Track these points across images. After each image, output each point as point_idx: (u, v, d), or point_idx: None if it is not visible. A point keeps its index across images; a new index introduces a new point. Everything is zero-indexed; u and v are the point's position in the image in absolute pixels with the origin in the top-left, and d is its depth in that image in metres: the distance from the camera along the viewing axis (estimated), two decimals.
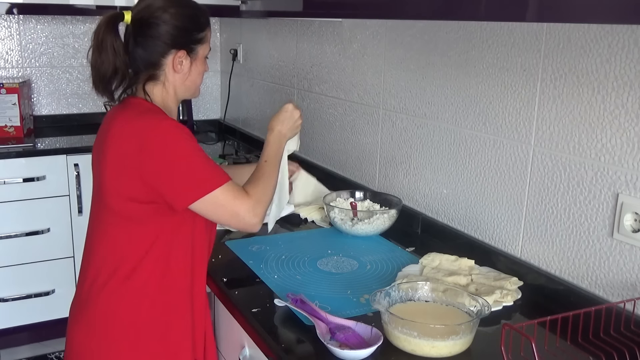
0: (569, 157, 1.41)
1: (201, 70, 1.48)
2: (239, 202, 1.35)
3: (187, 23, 1.41)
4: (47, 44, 3.33)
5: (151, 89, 1.43)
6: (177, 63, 1.42)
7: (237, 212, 1.35)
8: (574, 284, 1.42)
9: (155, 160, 1.30)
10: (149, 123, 1.32)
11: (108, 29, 1.35)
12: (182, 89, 1.47)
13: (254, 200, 1.38)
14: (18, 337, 2.98)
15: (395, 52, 1.97)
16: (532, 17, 1.01)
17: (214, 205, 1.34)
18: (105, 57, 1.35)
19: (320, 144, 2.49)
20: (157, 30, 1.39)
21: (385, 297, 1.29)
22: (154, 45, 1.39)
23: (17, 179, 2.80)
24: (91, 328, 1.38)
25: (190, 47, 1.43)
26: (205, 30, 1.46)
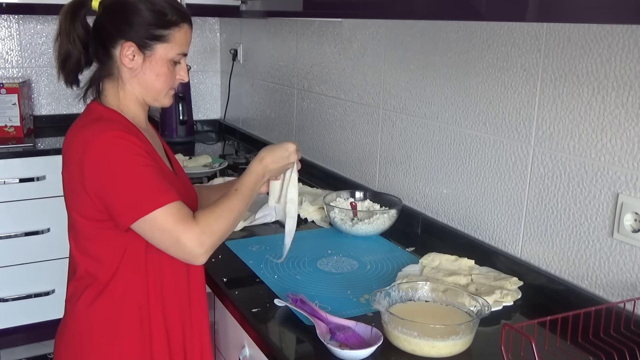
0: (569, 157, 1.41)
1: (160, 72, 1.32)
2: (181, 228, 1.19)
3: (147, 16, 1.28)
4: (47, 44, 3.33)
5: (106, 87, 1.34)
6: (125, 56, 1.29)
7: (178, 238, 1.20)
8: (574, 284, 1.42)
9: (94, 176, 1.21)
10: (90, 135, 1.22)
11: (66, 13, 1.30)
12: (139, 90, 1.33)
13: (200, 229, 1.21)
14: (17, 337, 2.98)
15: (395, 52, 1.97)
16: (532, 17, 1.01)
17: (152, 229, 1.20)
18: (61, 43, 1.31)
19: (320, 144, 2.49)
20: (113, 16, 1.29)
21: (385, 297, 1.29)
22: (106, 32, 1.30)
23: (17, 179, 2.80)
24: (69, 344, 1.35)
25: (144, 41, 1.29)
26: (171, 29, 1.30)
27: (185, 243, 1.20)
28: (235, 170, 2.60)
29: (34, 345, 3.00)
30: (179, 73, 1.36)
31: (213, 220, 1.25)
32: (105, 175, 1.21)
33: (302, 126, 2.63)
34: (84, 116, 1.33)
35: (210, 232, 1.23)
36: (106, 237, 1.28)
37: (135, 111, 1.36)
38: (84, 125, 1.28)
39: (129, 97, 1.34)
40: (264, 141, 2.95)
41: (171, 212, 1.20)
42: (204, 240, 1.22)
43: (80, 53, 1.32)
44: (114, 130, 1.23)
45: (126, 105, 1.34)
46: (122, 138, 1.21)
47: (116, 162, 1.20)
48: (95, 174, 1.21)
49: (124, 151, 1.21)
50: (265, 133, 2.99)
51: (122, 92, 1.34)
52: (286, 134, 2.77)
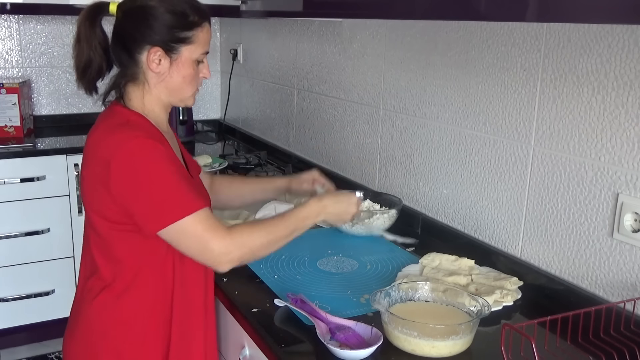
0: (569, 157, 1.41)
1: (187, 74, 1.32)
2: (210, 234, 1.21)
3: (168, 19, 1.27)
4: (47, 44, 3.33)
5: (130, 91, 1.33)
6: (152, 61, 1.28)
7: (206, 244, 1.21)
8: (574, 284, 1.42)
9: (121, 181, 1.20)
10: (119, 139, 1.22)
11: (85, 19, 1.29)
12: (166, 93, 1.33)
13: (231, 238, 1.22)
14: (18, 337, 2.98)
15: (395, 52, 1.97)
16: (532, 17, 1.01)
17: (180, 235, 1.21)
18: (80, 48, 1.30)
19: (320, 144, 2.49)
20: (135, 22, 1.28)
21: (385, 297, 1.29)
22: (130, 38, 1.29)
23: (17, 179, 2.80)
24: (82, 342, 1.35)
25: (170, 45, 1.28)
26: (194, 30, 1.30)
27: (213, 248, 1.22)
28: (236, 170, 2.60)
29: (34, 345, 3.00)
30: (202, 71, 1.36)
31: (247, 234, 1.26)
32: (133, 181, 1.20)
33: (302, 126, 2.63)
34: (109, 118, 1.32)
35: (240, 244, 1.24)
36: (126, 239, 1.28)
37: (159, 114, 1.36)
38: (112, 128, 1.27)
39: (154, 101, 1.34)
40: (264, 141, 2.95)
41: (200, 220, 1.21)
42: (231, 250, 1.23)
43: (102, 59, 1.31)
44: (142, 137, 1.22)
45: (151, 109, 1.34)
46: (150, 145, 1.21)
47: (144, 169, 1.20)
48: (123, 179, 1.21)
49: (153, 158, 1.21)
50: (265, 133, 2.99)
51: (148, 96, 1.33)
52: (286, 134, 2.78)
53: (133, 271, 1.30)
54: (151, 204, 1.21)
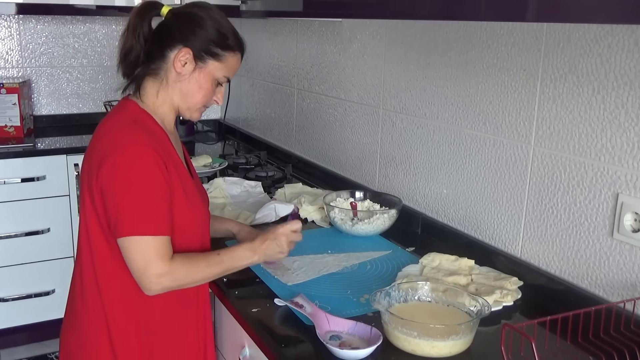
0: (569, 157, 1.41)
1: (204, 86, 1.38)
2: (155, 262, 1.24)
3: (212, 33, 1.36)
4: (47, 44, 3.33)
5: (148, 85, 1.38)
6: (179, 60, 1.35)
7: (145, 269, 1.24)
8: (574, 284, 1.42)
9: (107, 179, 1.25)
10: (121, 139, 1.28)
11: (136, 13, 1.37)
12: (178, 95, 1.38)
13: (169, 272, 1.26)
14: (18, 337, 2.98)
15: (395, 52, 1.97)
16: (532, 17, 1.01)
17: (129, 250, 1.25)
18: (127, 37, 1.37)
19: (320, 144, 2.49)
20: (180, 22, 1.37)
21: (385, 297, 1.29)
22: (168, 35, 1.37)
23: (17, 179, 2.80)
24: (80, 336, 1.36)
25: (201, 53, 1.36)
26: (227, 52, 1.38)
27: (149, 274, 1.25)
28: (236, 170, 2.60)
29: (34, 345, 3.00)
30: (217, 95, 1.43)
31: (183, 271, 1.29)
32: (117, 184, 1.25)
33: (302, 126, 2.63)
34: (119, 112, 1.37)
35: (174, 279, 1.28)
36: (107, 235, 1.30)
37: (167, 113, 1.41)
38: (119, 125, 1.32)
39: (167, 99, 1.39)
40: (264, 141, 2.95)
41: (155, 244, 1.25)
42: (163, 281, 1.27)
43: (142, 49, 1.37)
44: (143, 144, 1.27)
45: (161, 106, 1.39)
46: (147, 155, 1.26)
47: (131, 177, 1.25)
48: (110, 178, 1.25)
49: (143, 169, 1.25)
50: (265, 133, 2.99)
51: (162, 93, 1.39)
52: (286, 134, 2.78)
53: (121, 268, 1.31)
54: (122, 210, 1.25)
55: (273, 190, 2.25)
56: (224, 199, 2.11)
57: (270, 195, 2.19)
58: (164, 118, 1.40)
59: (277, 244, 1.40)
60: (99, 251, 1.32)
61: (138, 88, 1.39)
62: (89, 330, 1.35)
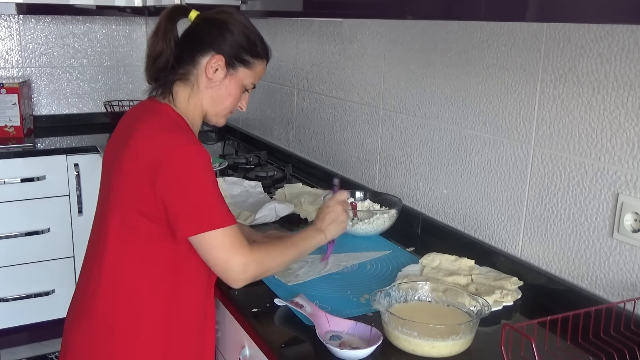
0: (569, 157, 1.41)
1: (233, 93, 1.41)
2: (235, 250, 1.27)
3: (241, 40, 1.38)
4: (47, 44, 3.33)
5: (178, 90, 1.39)
6: (211, 67, 1.36)
7: (229, 259, 1.27)
8: (574, 284, 1.42)
9: (170, 182, 1.25)
10: (173, 142, 1.28)
11: (167, 15, 1.37)
12: (209, 101, 1.40)
13: (253, 257, 1.29)
14: (18, 337, 2.98)
15: (395, 52, 1.98)
16: (532, 17, 1.01)
17: (209, 244, 1.27)
18: (156, 40, 1.37)
19: (320, 144, 2.49)
20: (210, 29, 1.37)
21: (385, 297, 1.29)
22: (199, 40, 1.37)
23: (17, 179, 2.80)
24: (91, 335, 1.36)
25: (232, 60, 1.38)
26: (256, 60, 1.42)
27: (234, 265, 1.27)
28: (236, 170, 2.60)
29: (34, 345, 3.00)
30: (242, 101, 1.46)
31: (264, 255, 1.33)
32: (182, 184, 1.26)
33: (302, 126, 2.63)
34: (156, 115, 1.36)
35: (258, 264, 1.31)
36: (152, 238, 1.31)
37: (196, 119, 1.43)
38: (163, 128, 1.31)
39: (197, 105, 1.41)
40: (264, 141, 2.95)
41: (230, 234, 1.27)
42: (249, 269, 1.29)
43: (172, 53, 1.37)
44: (196, 143, 1.29)
45: (191, 111, 1.41)
46: (203, 153, 1.28)
47: (196, 175, 1.26)
48: (172, 180, 1.25)
49: (204, 167, 1.27)
50: (265, 133, 2.99)
51: (193, 98, 1.40)
52: (286, 134, 2.78)
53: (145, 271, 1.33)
54: (194, 209, 1.26)
55: (273, 190, 2.25)
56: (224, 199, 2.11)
57: (270, 195, 2.19)
58: (193, 123, 1.41)
59: (336, 215, 1.47)
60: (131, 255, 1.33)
61: (169, 92, 1.39)
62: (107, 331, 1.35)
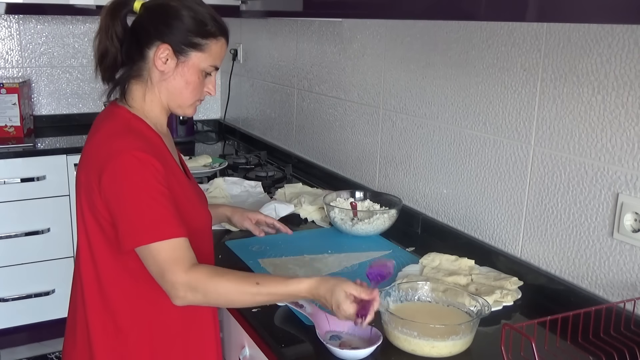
0: (569, 157, 1.41)
1: (190, 80, 1.31)
2: (168, 268, 1.14)
3: (188, 22, 1.28)
4: (47, 44, 3.33)
5: (134, 89, 1.32)
6: (159, 58, 1.28)
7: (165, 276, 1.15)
8: (574, 284, 1.42)
9: (110, 190, 1.19)
10: (116, 149, 1.20)
11: (107, 11, 1.30)
12: (165, 94, 1.32)
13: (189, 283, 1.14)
14: (18, 337, 2.98)
15: (395, 52, 1.97)
16: (532, 17, 1.01)
17: (147, 258, 1.17)
18: (100, 39, 1.30)
19: (320, 144, 2.49)
20: (154, 18, 1.29)
21: (385, 297, 1.29)
22: (144, 33, 1.29)
23: (17, 179, 2.80)
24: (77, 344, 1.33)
25: (181, 47, 1.28)
26: (209, 40, 1.30)
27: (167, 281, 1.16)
28: (236, 170, 2.60)
29: (34, 345, 3.00)
30: (207, 86, 1.35)
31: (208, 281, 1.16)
32: (119, 195, 1.18)
33: (302, 126, 2.63)
34: (111, 120, 1.30)
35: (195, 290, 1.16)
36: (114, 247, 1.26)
37: (158, 116, 1.35)
38: (113, 134, 1.25)
39: (155, 101, 1.33)
40: (264, 141, 2.95)
41: (168, 248, 1.16)
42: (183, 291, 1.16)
43: (117, 51, 1.30)
44: (140, 150, 1.20)
45: (151, 109, 1.33)
46: (145, 161, 1.19)
47: (132, 185, 1.18)
48: (112, 189, 1.19)
49: (143, 175, 1.18)
50: (265, 133, 2.99)
51: (149, 95, 1.32)
52: (286, 134, 2.78)
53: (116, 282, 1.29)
54: (130, 221, 1.18)
55: (273, 190, 2.25)
56: (224, 198, 2.11)
57: (270, 195, 2.19)
58: (156, 121, 1.34)
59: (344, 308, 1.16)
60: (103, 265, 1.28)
61: (124, 92, 1.33)
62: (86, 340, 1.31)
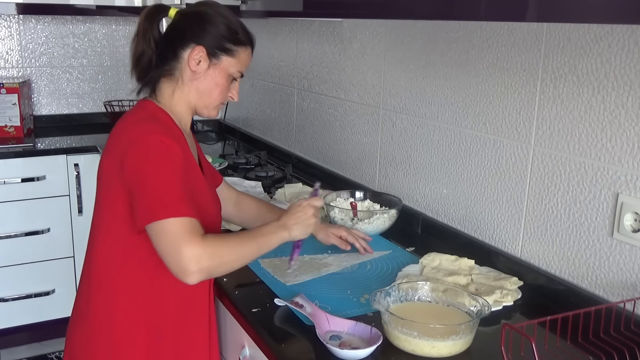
0: (569, 157, 1.41)
1: (219, 83, 1.40)
2: (186, 238, 1.19)
3: (222, 29, 1.39)
4: (47, 44, 3.33)
5: (163, 86, 1.40)
6: (193, 59, 1.37)
7: (180, 247, 1.18)
8: (574, 284, 1.42)
9: (131, 171, 1.25)
10: (137, 134, 1.28)
11: (145, 16, 1.39)
12: (195, 94, 1.40)
13: (204, 247, 1.20)
14: (18, 337, 2.98)
15: (395, 52, 1.98)
16: (532, 17, 1.01)
17: (159, 234, 1.21)
18: (137, 42, 1.39)
19: (320, 144, 2.49)
20: (190, 22, 1.39)
21: (385, 297, 1.29)
22: (180, 35, 1.39)
23: (17, 179, 2.80)
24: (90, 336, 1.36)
25: (214, 50, 1.38)
26: (239, 47, 1.41)
27: (185, 253, 1.18)
28: (236, 170, 2.60)
29: (34, 345, 3.01)
30: (232, 91, 1.46)
31: (219, 245, 1.24)
32: (139, 173, 1.25)
33: (302, 126, 2.63)
34: (137, 111, 1.39)
35: (212, 255, 1.21)
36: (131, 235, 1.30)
37: (184, 114, 1.43)
38: (137, 121, 1.34)
39: (183, 99, 1.41)
40: (264, 141, 2.95)
41: (182, 224, 1.20)
42: (202, 259, 1.19)
43: (153, 52, 1.39)
44: (162, 134, 1.28)
45: (178, 105, 1.41)
46: (166, 145, 1.26)
47: (153, 165, 1.25)
48: (134, 168, 1.25)
49: (164, 158, 1.25)
50: (265, 133, 2.99)
51: (178, 92, 1.40)
52: (286, 134, 2.78)
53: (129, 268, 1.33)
54: (148, 197, 1.23)
55: (273, 190, 2.25)
56: None
57: (270, 195, 2.19)
58: (181, 118, 1.42)
59: (305, 216, 1.40)
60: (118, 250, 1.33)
61: (154, 90, 1.41)
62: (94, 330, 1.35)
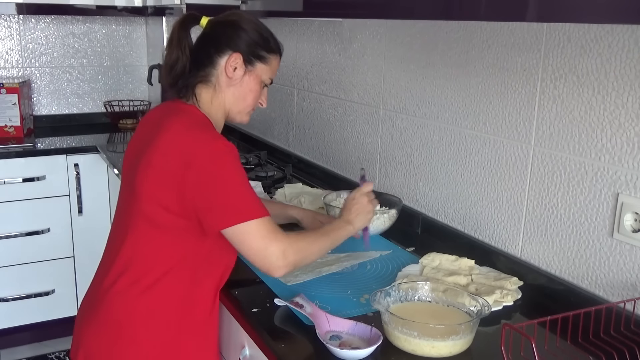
0: (569, 157, 1.41)
1: (253, 89, 1.45)
2: (269, 241, 1.28)
3: (255, 36, 1.42)
4: (47, 44, 3.33)
5: (201, 92, 1.42)
6: (230, 65, 1.40)
7: (267, 247, 1.28)
8: (574, 284, 1.42)
9: (199, 179, 1.27)
10: (201, 140, 1.31)
11: (180, 25, 1.42)
12: (231, 99, 1.44)
13: (290, 245, 1.30)
14: (18, 337, 2.98)
15: (395, 52, 1.98)
16: (532, 17, 1.01)
17: (244, 236, 1.29)
18: (171, 49, 1.41)
19: (320, 144, 2.49)
20: (224, 30, 1.42)
21: (385, 297, 1.29)
22: (215, 42, 1.41)
23: (17, 179, 2.80)
24: (102, 331, 1.37)
25: (249, 57, 1.42)
26: (271, 55, 1.45)
27: (273, 252, 1.28)
28: None
29: (35, 345, 3.01)
30: (261, 97, 1.50)
31: (302, 242, 1.35)
32: (213, 179, 1.27)
33: (302, 126, 2.63)
34: (185, 116, 1.39)
35: (297, 250, 1.32)
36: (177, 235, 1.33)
37: (219, 119, 1.46)
38: (191, 127, 1.35)
39: (220, 105, 1.45)
40: (264, 141, 2.95)
41: (264, 224, 1.29)
42: (288, 254, 1.30)
43: (187, 60, 1.41)
44: (224, 140, 1.32)
45: (215, 112, 1.45)
46: (231, 149, 1.31)
47: (226, 170, 1.29)
48: (204, 175, 1.27)
49: (233, 161, 1.30)
50: (265, 133, 2.99)
51: (216, 99, 1.44)
52: (286, 134, 2.78)
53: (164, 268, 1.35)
54: (226, 203, 1.28)
55: (273, 190, 2.25)
56: None
57: (270, 195, 2.19)
58: (217, 123, 1.45)
59: (362, 207, 1.52)
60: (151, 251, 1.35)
61: (192, 94, 1.43)
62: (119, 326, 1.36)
